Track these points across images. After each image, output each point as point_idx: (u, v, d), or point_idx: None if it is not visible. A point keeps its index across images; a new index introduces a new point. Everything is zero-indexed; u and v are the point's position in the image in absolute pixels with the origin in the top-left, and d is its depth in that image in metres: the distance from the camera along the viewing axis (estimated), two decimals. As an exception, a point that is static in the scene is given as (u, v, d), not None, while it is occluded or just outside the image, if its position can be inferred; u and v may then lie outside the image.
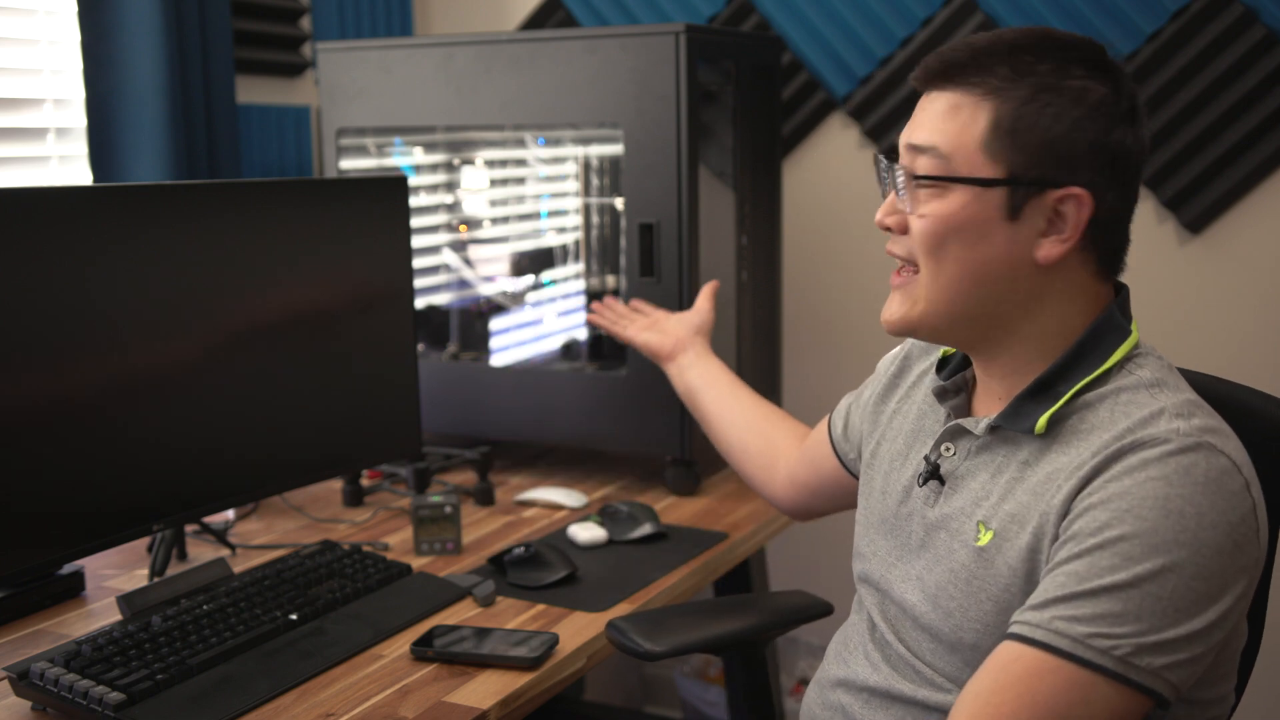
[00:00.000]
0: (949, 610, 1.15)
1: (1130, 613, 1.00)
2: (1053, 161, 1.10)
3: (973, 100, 1.11)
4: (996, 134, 1.10)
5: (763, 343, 2.29)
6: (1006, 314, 1.15)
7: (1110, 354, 1.13)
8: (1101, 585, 1.01)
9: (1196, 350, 2.21)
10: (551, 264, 2.37)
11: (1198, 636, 1.01)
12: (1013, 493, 1.13)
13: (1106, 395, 1.11)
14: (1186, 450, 1.03)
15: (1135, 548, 1.01)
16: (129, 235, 1.53)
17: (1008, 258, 1.13)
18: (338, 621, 1.52)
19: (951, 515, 1.18)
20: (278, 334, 1.74)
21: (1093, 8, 2.19)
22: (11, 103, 1.99)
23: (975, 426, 1.18)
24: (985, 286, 1.14)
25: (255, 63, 2.40)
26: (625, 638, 1.46)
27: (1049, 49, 1.12)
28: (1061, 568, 1.04)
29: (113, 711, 1.27)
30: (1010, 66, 1.10)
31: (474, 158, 2.35)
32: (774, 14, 2.43)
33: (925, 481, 1.22)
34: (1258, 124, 2.11)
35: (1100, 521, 1.03)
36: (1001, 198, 1.11)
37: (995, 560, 1.12)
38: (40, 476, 1.45)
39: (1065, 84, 1.10)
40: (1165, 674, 1.00)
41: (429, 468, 2.05)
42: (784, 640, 2.51)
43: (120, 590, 1.58)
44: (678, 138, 1.96)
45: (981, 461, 1.18)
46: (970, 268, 1.13)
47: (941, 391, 1.25)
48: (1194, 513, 1.01)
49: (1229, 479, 1.03)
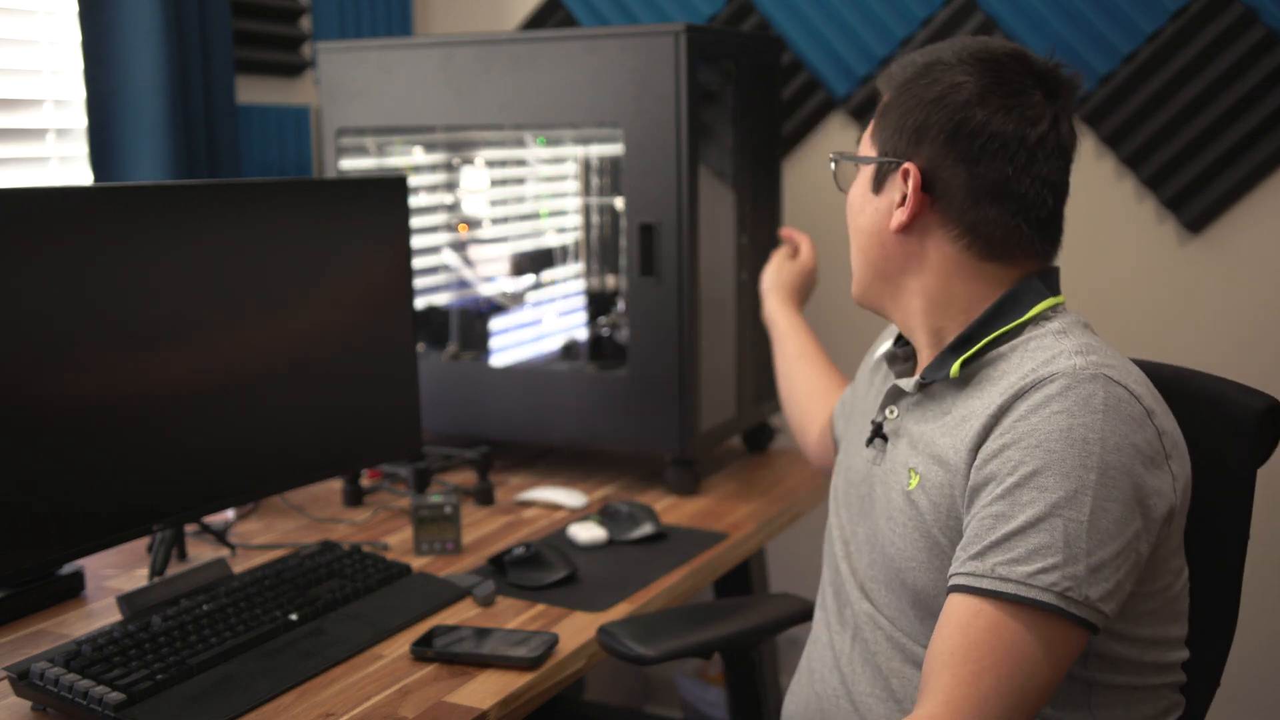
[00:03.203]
0: (889, 555, 1.24)
1: (1057, 543, 1.06)
2: (904, 139, 1.24)
3: (888, 98, 1.28)
4: (878, 119, 1.28)
5: (763, 343, 2.29)
6: (891, 278, 1.29)
7: (1024, 312, 1.22)
8: (1026, 520, 1.08)
9: (1196, 350, 2.21)
10: (551, 264, 2.37)
11: (1120, 556, 1.08)
12: (934, 438, 1.22)
13: (1018, 345, 1.20)
14: (1083, 382, 1.11)
15: (1049, 479, 1.08)
16: (129, 235, 1.53)
17: (874, 228, 1.29)
18: (338, 621, 1.52)
19: (891, 468, 1.28)
20: (278, 334, 1.73)
21: (1093, 8, 2.19)
22: (11, 103, 1.99)
23: (908, 385, 1.28)
24: (868, 254, 1.31)
25: (255, 63, 2.40)
26: (617, 642, 1.46)
27: (946, 55, 1.25)
28: (987, 509, 1.11)
29: (113, 711, 1.27)
30: (908, 66, 1.26)
31: (474, 158, 2.35)
32: (774, 14, 2.43)
33: (870, 441, 1.33)
34: (1258, 124, 2.11)
35: (1014, 461, 1.10)
36: (870, 173, 1.29)
37: (919, 501, 1.21)
38: (40, 476, 1.45)
39: (934, 74, 1.22)
40: (1099, 605, 1.07)
41: (429, 468, 2.05)
42: (784, 640, 2.51)
43: (120, 590, 1.58)
44: (678, 138, 1.96)
45: (915, 416, 1.27)
46: (859, 238, 1.32)
47: (891, 357, 1.37)
48: (1096, 439, 1.08)
49: (1127, 406, 1.11)
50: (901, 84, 1.25)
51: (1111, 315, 2.23)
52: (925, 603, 1.21)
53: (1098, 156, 2.24)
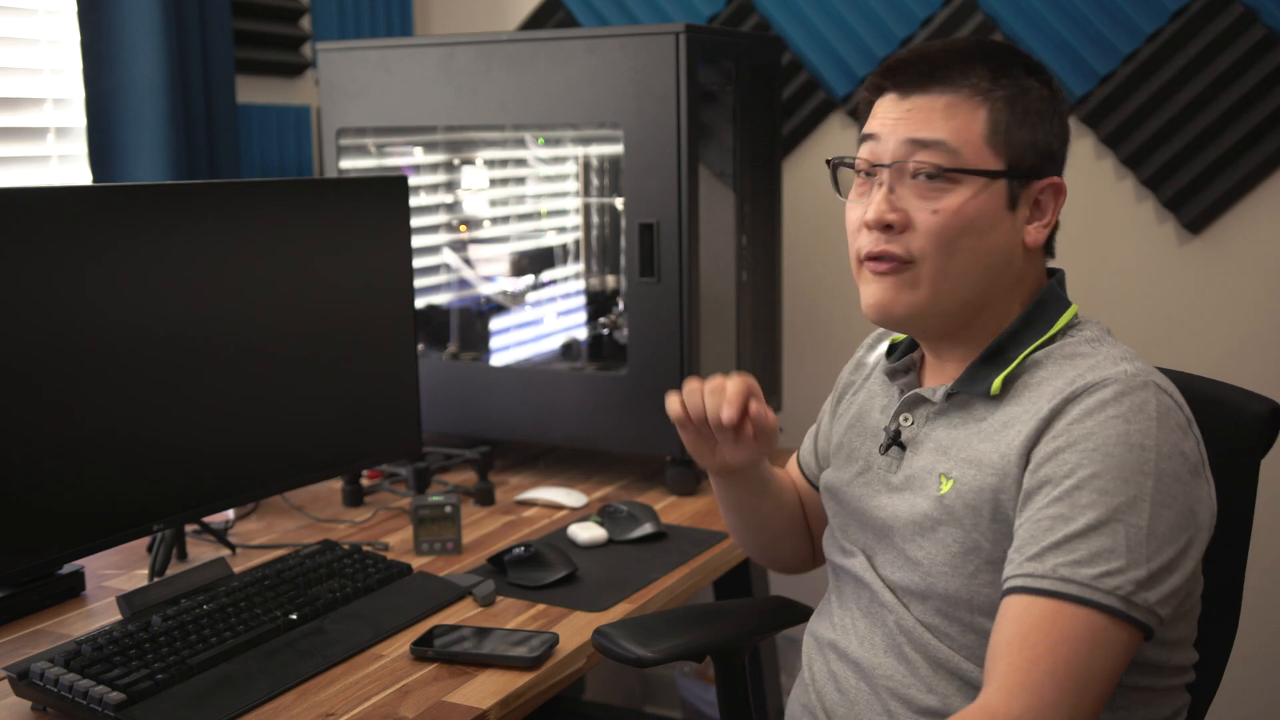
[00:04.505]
0: (917, 560, 1.21)
1: (1119, 547, 1.06)
2: (1035, 155, 1.20)
3: (963, 100, 1.19)
4: (995, 131, 1.19)
5: (763, 343, 2.29)
6: (996, 297, 1.23)
7: (1055, 321, 1.22)
8: (1087, 524, 1.07)
9: (1196, 350, 2.21)
10: (551, 264, 2.37)
11: (1175, 563, 1.08)
12: (970, 444, 1.19)
13: (1053, 353, 1.19)
14: (1135, 389, 1.11)
15: (1109, 482, 1.07)
16: (129, 235, 1.53)
17: (1006, 245, 1.21)
18: (338, 621, 1.52)
19: (915, 475, 1.24)
20: (278, 334, 1.73)
21: (1093, 8, 2.19)
22: (11, 102, 1.99)
23: (933, 395, 1.25)
24: (990, 274, 1.21)
25: (255, 63, 2.40)
26: (614, 644, 1.43)
27: (1000, 54, 1.22)
28: (1044, 511, 1.09)
29: (113, 711, 1.27)
30: (988, 70, 1.20)
31: (474, 158, 2.35)
32: (774, 14, 2.43)
33: (887, 449, 1.29)
34: (1258, 124, 2.11)
35: (1071, 464, 1.09)
36: (1003, 189, 1.20)
37: (955, 505, 1.18)
38: (40, 476, 1.45)
39: (1031, 87, 1.21)
40: (1157, 609, 1.06)
41: (429, 468, 2.05)
42: (783, 639, 2.51)
43: (120, 590, 1.58)
44: (678, 138, 1.96)
45: (939, 424, 1.24)
46: (980, 257, 1.20)
47: (892, 373, 1.33)
48: (1152, 445, 1.08)
49: (1174, 415, 1.12)
50: (1009, 97, 1.19)
51: (1111, 315, 2.21)
52: (952, 609, 1.18)
53: (1098, 156, 2.24)
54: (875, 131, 1.23)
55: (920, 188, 1.19)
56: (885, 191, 1.20)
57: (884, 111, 1.22)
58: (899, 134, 1.20)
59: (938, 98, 1.19)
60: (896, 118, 1.21)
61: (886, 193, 1.20)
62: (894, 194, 1.20)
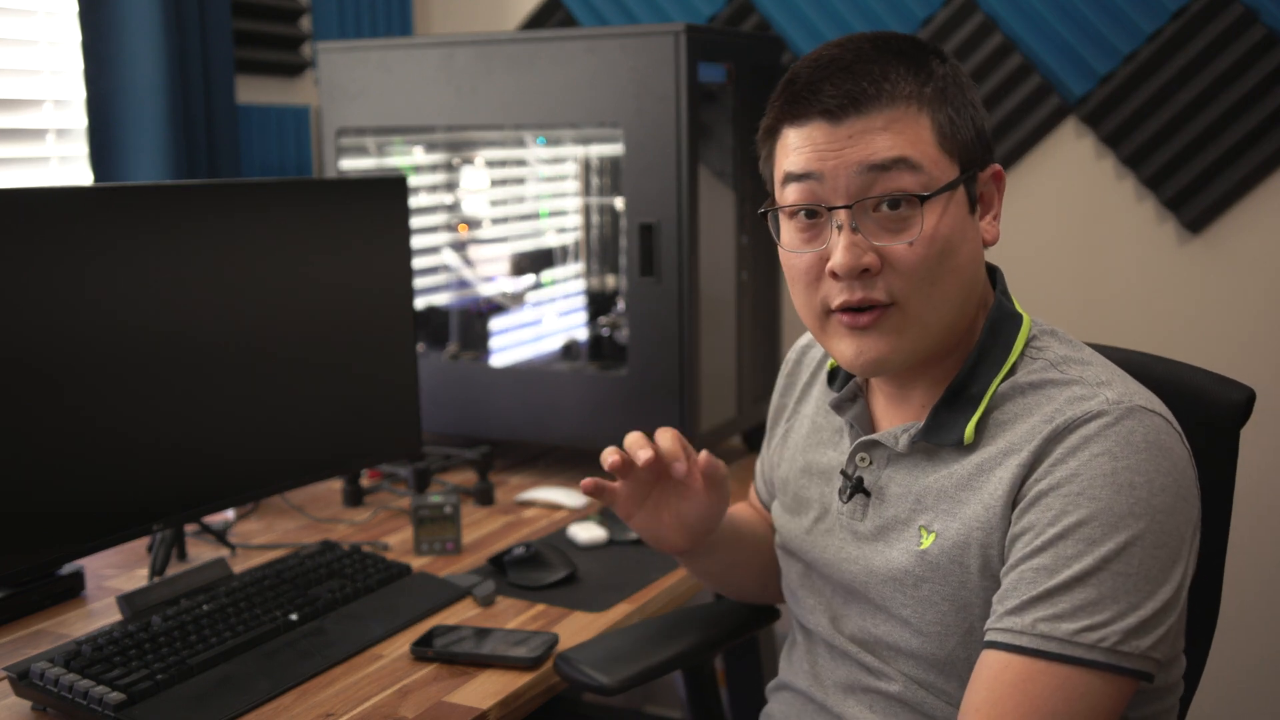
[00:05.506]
0: (904, 618, 1.13)
1: (1106, 597, 0.99)
2: (978, 144, 1.12)
3: (901, 110, 1.08)
4: (942, 134, 1.09)
5: (763, 343, 2.29)
6: (968, 311, 1.14)
7: (1011, 345, 1.13)
8: (1072, 575, 1.00)
9: (1196, 350, 2.21)
10: (551, 264, 2.37)
11: (1171, 604, 1.01)
12: (947, 493, 1.11)
13: (1019, 385, 1.10)
14: (1121, 419, 1.03)
15: (1095, 530, 1.00)
16: (129, 235, 1.53)
17: (976, 253, 1.14)
18: (338, 621, 1.52)
19: (888, 526, 1.16)
20: (278, 334, 1.74)
21: (1093, 8, 2.19)
22: (11, 103, 1.99)
23: (894, 444, 1.15)
24: (965, 289, 1.13)
25: (255, 63, 2.40)
26: (576, 670, 1.38)
27: (906, 48, 1.12)
28: (1027, 563, 1.03)
29: (113, 711, 1.27)
30: (905, 68, 1.09)
31: (474, 158, 2.35)
32: (774, 14, 2.43)
33: (851, 496, 1.19)
34: (1258, 124, 2.11)
35: (1056, 510, 1.02)
36: (963, 194, 1.11)
37: (940, 560, 1.10)
38: (40, 476, 1.45)
39: (953, 76, 1.12)
40: (1151, 654, 1.00)
41: (429, 468, 2.05)
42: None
43: (120, 590, 1.58)
44: (678, 138, 1.96)
45: (902, 468, 1.16)
46: (959, 276, 1.11)
47: (839, 404, 1.23)
48: (1144, 481, 1.01)
49: (1165, 436, 1.04)
50: (939, 95, 1.09)
51: (1111, 315, 2.23)
52: (942, 662, 1.12)
53: (1098, 156, 2.24)
54: (812, 169, 1.08)
55: (884, 220, 1.07)
56: (848, 233, 1.07)
57: (816, 144, 1.08)
58: (849, 164, 1.07)
59: (875, 116, 1.07)
60: (839, 148, 1.07)
61: (850, 234, 1.07)
62: (857, 233, 1.07)
